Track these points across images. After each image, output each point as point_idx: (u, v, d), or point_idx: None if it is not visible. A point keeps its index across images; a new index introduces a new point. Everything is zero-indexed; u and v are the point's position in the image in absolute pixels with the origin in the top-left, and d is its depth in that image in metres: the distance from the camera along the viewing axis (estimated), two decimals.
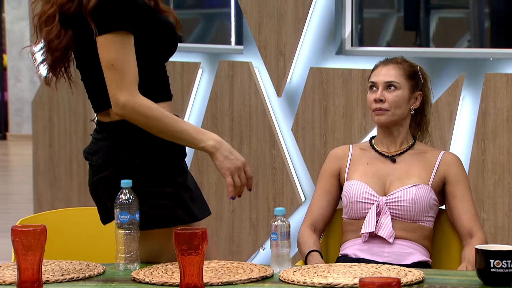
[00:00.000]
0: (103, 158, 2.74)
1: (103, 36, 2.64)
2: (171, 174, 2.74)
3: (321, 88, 4.74)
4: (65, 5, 2.67)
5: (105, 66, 2.65)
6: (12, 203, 8.23)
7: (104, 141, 2.76)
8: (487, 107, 4.10)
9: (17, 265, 2.34)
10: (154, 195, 2.71)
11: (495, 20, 4.71)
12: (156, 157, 2.73)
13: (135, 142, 2.71)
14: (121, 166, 2.71)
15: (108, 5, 2.63)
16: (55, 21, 2.69)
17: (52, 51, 2.73)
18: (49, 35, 2.70)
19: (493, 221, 4.09)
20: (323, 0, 4.71)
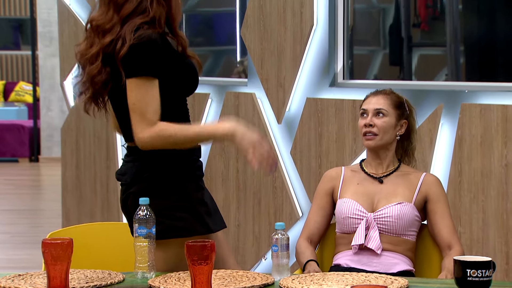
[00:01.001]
0: (131, 177, 2.77)
1: (129, 79, 2.67)
2: (189, 190, 2.76)
3: (316, 116, 4.73)
4: (107, 46, 2.69)
5: (129, 106, 2.68)
6: (43, 218, 8.22)
7: (131, 163, 2.79)
8: (463, 134, 4.09)
9: (47, 273, 2.34)
10: (173, 208, 2.73)
11: (469, 57, 4.71)
12: (176, 176, 2.74)
13: (157, 163, 2.73)
14: (146, 183, 2.74)
15: (136, 53, 2.66)
16: (98, 60, 2.70)
17: (94, 85, 2.74)
18: (92, 71, 2.71)
19: (469, 235, 4.07)
20: (318, 39, 4.72)
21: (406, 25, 4.93)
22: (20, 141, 12.16)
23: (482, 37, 4.69)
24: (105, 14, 2.71)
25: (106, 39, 2.69)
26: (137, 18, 2.68)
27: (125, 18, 2.69)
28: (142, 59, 2.66)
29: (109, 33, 2.69)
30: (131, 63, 2.66)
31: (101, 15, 2.72)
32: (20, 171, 11.44)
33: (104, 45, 2.69)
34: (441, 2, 4.81)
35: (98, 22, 2.72)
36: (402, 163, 3.21)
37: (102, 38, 2.70)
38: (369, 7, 5.16)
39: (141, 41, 2.65)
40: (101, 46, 2.70)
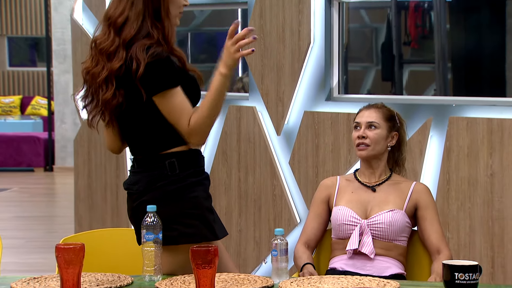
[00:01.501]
0: (144, 186, 2.74)
1: (156, 96, 2.66)
2: (199, 199, 2.75)
3: (313, 128, 4.73)
4: (117, 70, 2.67)
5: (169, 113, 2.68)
6: (57, 224, 8.22)
7: (143, 173, 2.76)
8: (451, 145, 4.09)
9: (60, 276, 2.34)
10: (185, 216, 2.72)
11: (456, 73, 4.72)
12: (187, 185, 2.73)
13: (169, 173, 2.72)
14: (159, 192, 2.72)
15: (153, 71, 2.65)
16: (111, 84, 2.68)
17: (109, 108, 2.71)
18: (107, 96, 2.69)
19: (456, 240, 4.07)
20: (315, 56, 4.73)
21: (397, 43, 4.94)
22: (35, 152, 12.17)
23: (468, 54, 4.70)
24: (107, 36, 2.69)
25: (114, 64, 2.66)
26: (144, 40, 2.67)
27: (128, 42, 2.67)
28: (161, 75, 2.65)
29: (114, 57, 2.67)
30: (151, 81, 2.65)
31: (103, 36, 2.71)
32: (35, 180, 11.44)
33: (114, 70, 2.67)
34: (430, 22, 4.82)
35: (101, 43, 2.70)
36: (393, 173, 3.21)
37: (109, 62, 2.67)
38: (363, 26, 5.17)
39: (155, 59, 2.64)
40: (111, 71, 2.67)
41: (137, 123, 2.73)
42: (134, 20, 2.67)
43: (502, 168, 3.89)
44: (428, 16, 4.84)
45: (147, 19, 2.68)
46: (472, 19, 4.70)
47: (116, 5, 2.69)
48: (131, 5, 2.68)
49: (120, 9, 2.68)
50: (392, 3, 4.81)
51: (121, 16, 2.67)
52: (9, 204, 9.45)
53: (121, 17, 2.67)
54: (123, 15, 2.67)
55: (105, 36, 2.70)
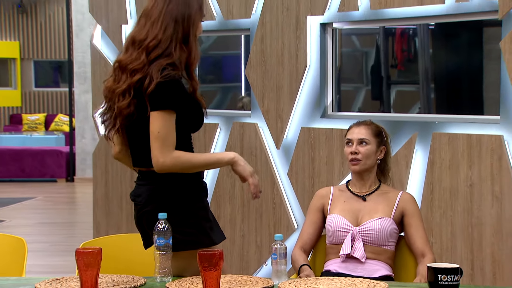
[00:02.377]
0: (146, 199, 2.74)
1: (154, 112, 2.64)
2: (196, 209, 2.74)
3: (309, 143, 4.73)
4: (136, 83, 2.67)
5: (152, 134, 2.65)
6: (77, 229, 8.22)
7: (145, 186, 2.76)
8: (434, 158, 4.09)
9: (80, 278, 2.34)
10: (183, 225, 2.70)
11: (439, 93, 4.72)
12: (185, 197, 2.72)
13: (169, 186, 2.71)
14: (159, 204, 2.71)
15: (161, 90, 2.63)
16: (129, 95, 2.68)
17: (122, 116, 2.71)
18: (123, 105, 2.69)
19: (439, 244, 4.06)
20: (311, 77, 4.73)
21: (385, 66, 4.95)
22: (58, 164, 12.18)
23: (449, 76, 4.70)
24: (135, 56, 2.69)
25: (135, 77, 2.67)
26: (163, 60, 2.67)
27: (153, 60, 2.67)
28: (167, 95, 2.64)
29: (139, 72, 2.68)
30: (157, 98, 2.64)
31: (129, 57, 2.71)
32: (58, 189, 11.44)
33: (133, 82, 2.67)
34: (415, 47, 4.82)
35: (127, 63, 2.70)
36: (381, 183, 3.20)
37: (130, 76, 2.68)
38: (354, 51, 5.18)
39: (166, 79, 2.64)
40: (130, 83, 2.68)
41: (143, 135, 2.73)
42: (163, 42, 2.68)
43: (480, 179, 3.88)
44: (413, 41, 4.84)
45: (174, 42, 2.69)
46: (452, 44, 4.71)
47: (148, 29, 2.69)
48: (164, 30, 2.68)
49: (153, 33, 2.68)
50: (380, 30, 4.82)
51: (154, 39, 2.68)
52: (34, 211, 9.45)
53: (154, 40, 2.68)
54: (156, 39, 2.68)
55: (131, 57, 2.70)
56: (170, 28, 2.68)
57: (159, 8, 2.69)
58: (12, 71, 17.23)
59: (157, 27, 2.68)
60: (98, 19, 6.31)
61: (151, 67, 2.66)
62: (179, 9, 2.69)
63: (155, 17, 2.69)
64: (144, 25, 2.71)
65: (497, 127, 3.83)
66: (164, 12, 2.68)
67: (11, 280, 2.67)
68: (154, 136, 2.64)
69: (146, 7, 2.74)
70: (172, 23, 2.68)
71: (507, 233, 3.78)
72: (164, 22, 2.68)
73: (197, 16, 2.73)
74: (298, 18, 4.76)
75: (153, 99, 2.64)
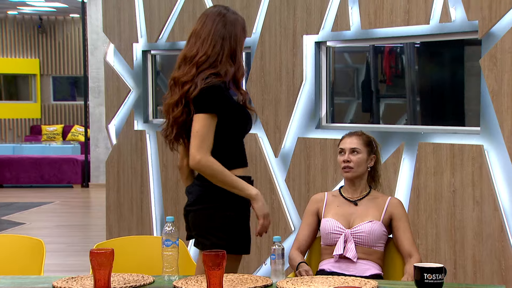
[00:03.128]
0: (194, 198, 2.78)
1: (197, 114, 2.69)
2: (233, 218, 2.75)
3: (305, 151, 4.73)
4: (186, 92, 2.72)
5: (192, 133, 2.69)
6: (91, 231, 8.20)
7: (197, 187, 2.79)
8: (420, 166, 4.08)
9: (93, 276, 2.33)
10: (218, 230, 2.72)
11: (424, 106, 4.72)
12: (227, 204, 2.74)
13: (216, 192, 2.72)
14: (203, 207, 2.75)
15: (204, 95, 2.69)
16: (181, 104, 2.74)
17: (177, 125, 2.75)
18: (177, 114, 2.74)
19: (425, 245, 4.05)
20: (306, 91, 4.73)
21: (374, 81, 4.95)
22: (74, 171, 12.17)
23: (434, 90, 4.70)
24: (186, 70, 2.75)
25: (185, 87, 2.73)
26: (208, 70, 2.73)
27: (201, 72, 2.74)
28: (208, 100, 2.69)
29: (188, 83, 2.73)
30: (199, 102, 2.69)
31: (182, 72, 2.76)
32: (74, 194, 11.43)
33: (184, 92, 2.73)
34: (402, 63, 4.83)
35: (180, 77, 2.75)
36: (372, 189, 3.20)
37: (182, 87, 2.73)
38: (346, 67, 5.18)
39: (208, 85, 2.69)
40: (182, 93, 2.73)
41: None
42: (212, 57, 2.75)
43: (463, 185, 3.88)
44: (400, 58, 4.84)
45: (221, 56, 2.76)
46: (436, 61, 4.71)
47: (198, 47, 2.76)
48: (213, 47, 2.75)
49: (203, 50, 2.75)
50: (370, 48, 4.82)
51: (204, 55, 2.75)
52: (52, 215, 9.44)
53: (204, 56, 2.75)
54: (205, 54, 2.75)
55: (183, 72, 2.76)
56: (218, 45, 2.76)
57: (208, 28, 2.77)
58: (32, 86, 17.25)
59: (207, 45, 2.75)
60: (111, 38, 6.32)
61: (199, 76, 2.72)
62: (226, 29, 2.78)
63: (204, 36, 2.77)
64: (194, 44, 2.78)
65: (477, 137, 3.83)
66: (213, 32, 2.76)
67: (31, 278, 2.66)
68: (193, 135, 2.68)
69: (196, 28, 2.81)
70: (220, 41, 2.76)
71: (487, 235, 3.77)
72: (213, 40, 2.76)
73: (241, 35, 2.82)
74: (294, 37, 4.76)
75: (196, 103, 2.69)
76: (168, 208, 5.75)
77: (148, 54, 6.05)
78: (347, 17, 4.45)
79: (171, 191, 5.73)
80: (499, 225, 3.72)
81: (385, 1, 4.23)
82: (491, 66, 3.72)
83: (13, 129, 16.92)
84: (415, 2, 4.08)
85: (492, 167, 3.75)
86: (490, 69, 3.72)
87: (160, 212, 5.85)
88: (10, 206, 9.91)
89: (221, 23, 2.77)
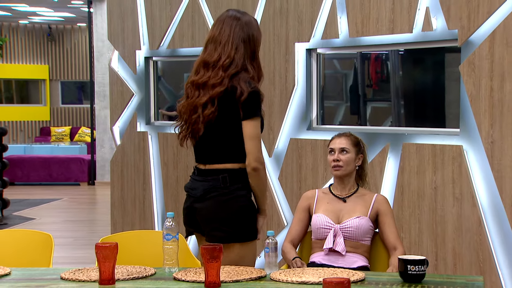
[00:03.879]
0: (200, 193, 2.73)
1: (249, 120, 2.65)
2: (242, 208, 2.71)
3: (297, 151, 4.73)
4: (219, 93, 2.68)
5: (251, 137, 2.65)
6: (97, 226, 8.18)
7: (201, 182, 2.75)
8: (404, 165, 4.08)
9: (99, 268, 2.32)
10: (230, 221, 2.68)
11: (407, 109, 4.72)
12: (234, 196, 2.70)
13: (221, 185, 2.70)
14: (210, 201, 2.71)
15: (253, 99, 2.66)
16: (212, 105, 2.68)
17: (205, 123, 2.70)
18: (207, 113, 2.69)
19: (408, 239, 4.05)
20: (298, 95, 4.73)
21: (362, 86, 4.95)
22: (81, 170, 12.15)
23: (416, 94, 4.71)
24: (211, 74, 2.69)
25: (217, 89, 2.67)
26: (244, 74, 2.69)
27: (233, 75, 2.68)
28: (257, 105, 2.67)
29: (219, 85, 2.67)
30: (250, 106, 2.65)
31: (205, 76, 2.70)
32: (81, 192, 11.41)
33: (216, 93, 2.67)
34: (387, 70, 4.83)
35: (205, 80, 2.70)
36: (359, 187, 3.19)
37: (212, 89, 2.68)
38: (335, 72, 5.18)
39: (254, 89, 2.66)
40: (212, 95, 2.67)
41: (211, 137, 2.73)
42: (238, 60, 2.70)
43: (444, 183, 3.88)
44: (386, 65, 4.85)
45: (246, 59, 2.72)
46: (419, 67, 4.71)
47: (220, 52, 2.71)
48: (236, 49, 2.71)
49: (225, 54, 2.70)
50: (357, 55, 4.82)
51: (228, 58, 2.70)
52: (60, 210, 9.42)
53: (228, 59, 2.70)
54: (229, 57, 2.70)
55: (208, 75, 2.70)
56: (241, 48, 2.72)
57: (227, 33, 2.72)
58: (42, 90, 17.21)
59: (229, 48, 2.70)
60: (116, 46, 6.31)
61: (234, 81, 2.67)
62: (244, 31, 2.73)
63: (224, 41, 2.72)
64: (214, 49, 2.72)
65: (457, 138, 3.83)
66: (233, 35, 2.72)
67: (40, 270, 2.65)
68: (253, 138, 2.65)
69: (213, 34, 2.75)
70: (241, 44, 2.72)
71: (466, 229, 3.77)
72: (234, 43, 2.71)
73: (259, 35, 2.78)
74: (287, 44, 4.76)
75: (247, 107, 2.64)
76: (169, 205, 5.74)
77: (150, 60, 6.04)
78: (336, 26, 4.45)
79: (171, 189, 5.72)
80: (477, 220, 3.72)
81: (372, 11, 4.23)
82: (470, 72, 3.72)
83: (24, 130, 16.87)
84: (399, 12, 4.08)
85: (470, 166, 3.75)
86: (468, 74, 3.72)
87: (161, 208, 5.84)
88: (21, 202, 9.88)
89: (238, 26, 2.72)
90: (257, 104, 2.66)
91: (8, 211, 8.88)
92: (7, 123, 16.59)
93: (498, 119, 3.63)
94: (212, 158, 2.74)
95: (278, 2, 4.81)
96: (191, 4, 5.51)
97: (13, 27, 16.58)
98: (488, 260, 3.66)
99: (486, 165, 3.68)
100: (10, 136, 16.51)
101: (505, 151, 3.60)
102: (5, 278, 2.49)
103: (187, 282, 2.38)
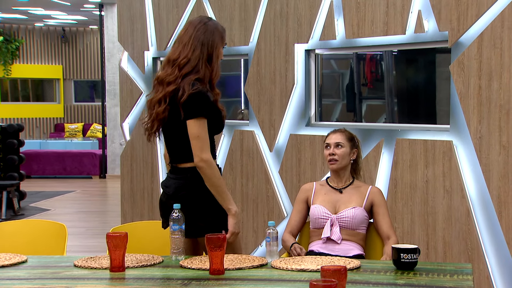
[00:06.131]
0: (173, 191, 2.73)
1: (191, 120, 2.64)
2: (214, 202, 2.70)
3: (296, 146, 4.72)
4: (171, 93, 2.69)
5: (193, 137, 2.64)
6: (108, 217, 8.19)
7: (174, 180, 2.75)
8: (397, 159, 4.08)
9: (110, 256, 2.32)
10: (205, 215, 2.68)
11: (401, 106, 4.71)
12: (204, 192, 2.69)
13: (191, 183, 2.69)
14: (183, 198, 2.70)
15: (192, 100, 2.64)
16: (164, 102, 2.70)
17: (159, 120, 2.72)
18: (160, 110, 2.70)
19: (401, 229, 4.05)
20: (297, 93, 4.73)
21: (357, 84, 4.94)
22: (93, 164, 12.15)
23: (409, 92, 4.70)
24: (170, 71, 2.71)
25: (170, 87, 2.69)
26: (192, 75, 2.70)
27: (185, 75, 2.70)
28: (197, 105, 2.65)
29: (172, 83, 2.69)
30: (190, 107, 2.64)
31: (165, 73, 2.73)
32: (93, 184, 11.42)
33: (168, 92, 2.69)
34: (381, 69, 4.82)
35: (164, 77, 2.72)
36: (355, 179, 3.19)
37: (167, 87, 2.70)
38: (333, 72, 5.18)
39: (196, 91, 2.65)
40: (166, 92, 2.69)
41: (174, 136, 2.73)
42: (193, 61, 2.71)
43: (435, 176, 3.88)
44: (380, 64, 4.84)
45: (201, 61, 2.72)
46: (411, 67, 4.70)
47: (180, 50, 2.73)
48: (193, 51, 2.72)
49: (184, 53, 2.72)
50: (353, 55, 4.82)
51: (185, 58, 2.71)
52: (73, 202, 9.43)
53: (185, 59, 2.71)
54: (186, 57, 2.71)
55: (167, 73, 2.72)
56: (198, 50, 2.72)
57: (189, 34, 2.74)
58: (56, 89, 17.22)
59: (187, 49, 2.72)
60: (125, 47, 6.30)
61: (184, 81, 2.68)
62: (205, 36, 2.74)
63: (186, 41, 2.73)
64: (177, 48, 2.76)
65: (447, 134, 3.83)
66: (193, 37, 2.73)
67: (55, 258, 2.66)
68: (194, 138, 2.63)
69: (180, 34, 2.79)
70: (199, 46, 2.72)
71: (455, 220, 3.77)
72: (193, 45, 2.72)
73: (219, 43, 2.77)
74: (287, 45, 4.75)
75: (186, 108, 2.64)
76: None
77: (157, 61, 6.04)
78: (333, 28, 4.44)
79: None
80: (466, 211, 3.72)
81: (367, 14, 4.22)
82: (459, 71, 3.71)
83: (40, 127, 16.88)
84: (393, 15, 4.07)
85: (460, 160, 3.75)
86: (458, 74, 3.72)
87: None
88: (37, 194, 9.89)
89: (201, 30, 2.74)
90: (198, 105, 2.64)
91: (25, 203, 8.90)
92: (24, 120, 16.61)
93: (486, 116, 3.62)
94: (177, 157, 2.75)
95: (279, 6, 4.80)
96: (196, 7, 5.51)
97: (29, 29, 16.58)
98: (476, 248, 3.66)
99: (475, 159, 3.67)
100: (26, 132, 16.53)
101: (492, 146, 3.60)
102: (22, 265, 2.50)
103: (193, 270, 2.39)
